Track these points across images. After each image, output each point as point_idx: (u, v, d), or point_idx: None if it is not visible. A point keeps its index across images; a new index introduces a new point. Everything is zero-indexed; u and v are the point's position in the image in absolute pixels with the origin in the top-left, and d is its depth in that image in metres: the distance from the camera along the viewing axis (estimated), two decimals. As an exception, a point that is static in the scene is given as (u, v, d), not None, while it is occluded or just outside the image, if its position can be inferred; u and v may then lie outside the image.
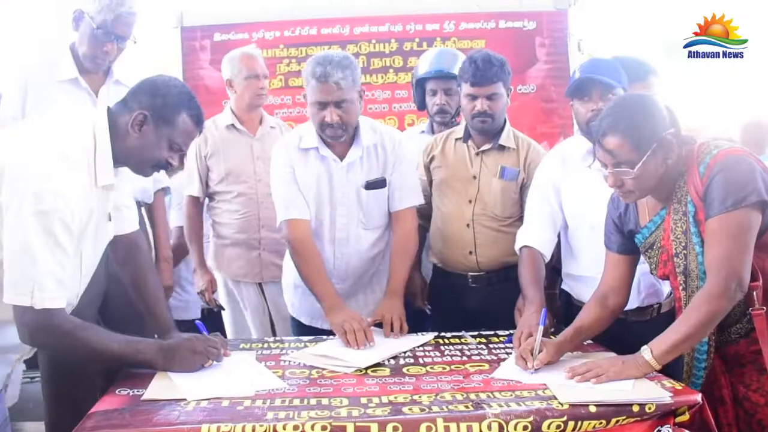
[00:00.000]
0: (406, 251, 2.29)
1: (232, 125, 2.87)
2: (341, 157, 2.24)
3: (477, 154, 2.45)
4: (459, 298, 2.44)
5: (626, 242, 1.88)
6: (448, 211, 2.48)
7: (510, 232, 2.36)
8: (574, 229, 2.22)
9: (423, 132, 2.92)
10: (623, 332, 2.01)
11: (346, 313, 2.07)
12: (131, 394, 1.57)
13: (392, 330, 2.09)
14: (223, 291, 2.98)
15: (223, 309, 2.99)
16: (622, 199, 1.81)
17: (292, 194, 2.24)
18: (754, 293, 1.62)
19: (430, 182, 2.56)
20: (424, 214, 2.57)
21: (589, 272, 2.14)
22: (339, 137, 2.17)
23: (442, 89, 2.71)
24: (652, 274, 1.87)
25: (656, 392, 1.52)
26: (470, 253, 2.42)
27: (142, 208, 2.54)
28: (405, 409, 1.45)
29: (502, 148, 2.43)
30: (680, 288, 1.74)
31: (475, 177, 2.44)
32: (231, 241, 2.87)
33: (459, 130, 2.53)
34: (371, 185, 2.27)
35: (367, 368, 1.76)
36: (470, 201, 2.43)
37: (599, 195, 1.98)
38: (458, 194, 2.46)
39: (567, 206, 2.22)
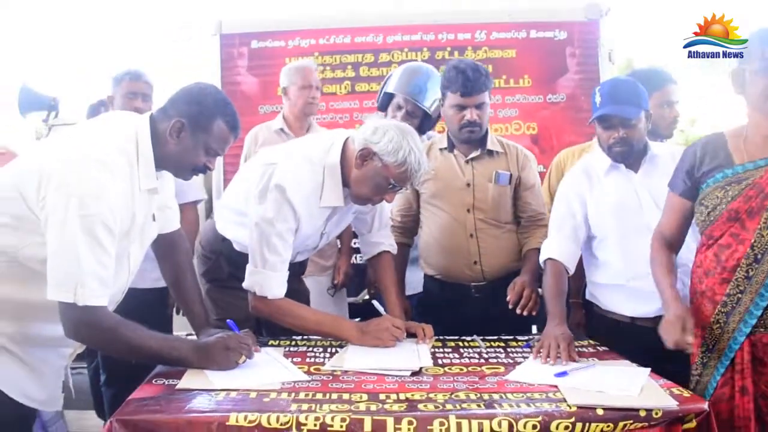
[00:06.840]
0: None
1: (281, 129, 3.10)
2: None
3: (467, 161, 2.45)
4: (459, 307, 2.42)
5: (691, 189, 1.87)
6: (446, 222, 2.47)
7: (510, 238, 2.41)
8: (601, 239, 2.22)
9: None
10: (646, 339, 1.98)
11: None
12: (166, 383, 1.67)
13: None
14: None
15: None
16: None
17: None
18: None
19: (417, 197, 2.55)
20: (406, 229, 2.58)
21: (615, 281, 2.15)
22: None
23: (408, 110, 2.74)
24: (699, 225, 1.84)
25: (663, 399, 1.56)
26: (475, 263, 2.43)
27: None
28: (420, 406, 1.52)
29: (491, 153, 2.45)
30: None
31: (469, 185, 2.44)
32: None
33: (440, 141, 2.54)
34: None
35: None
36: (468, 210, 2.44)
37: (626, 205, 2.00)
38: (454, 205, 2.46)
39: (593, 217, 2.22)
